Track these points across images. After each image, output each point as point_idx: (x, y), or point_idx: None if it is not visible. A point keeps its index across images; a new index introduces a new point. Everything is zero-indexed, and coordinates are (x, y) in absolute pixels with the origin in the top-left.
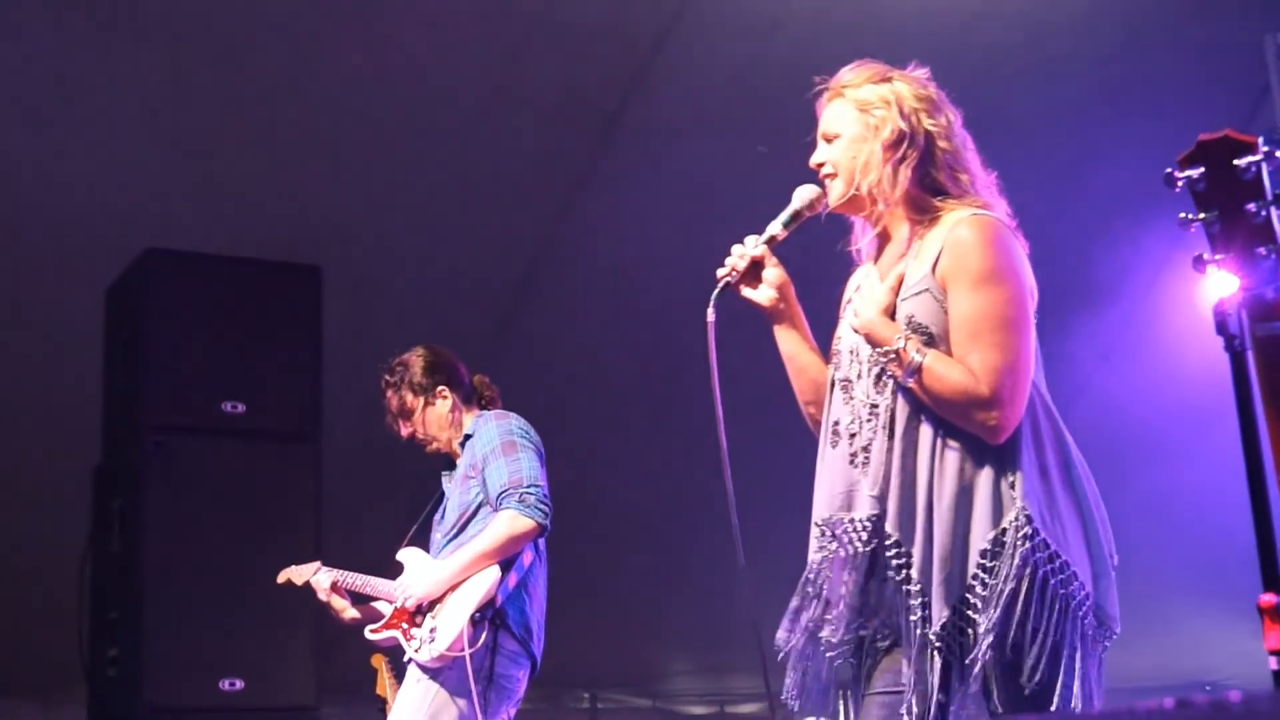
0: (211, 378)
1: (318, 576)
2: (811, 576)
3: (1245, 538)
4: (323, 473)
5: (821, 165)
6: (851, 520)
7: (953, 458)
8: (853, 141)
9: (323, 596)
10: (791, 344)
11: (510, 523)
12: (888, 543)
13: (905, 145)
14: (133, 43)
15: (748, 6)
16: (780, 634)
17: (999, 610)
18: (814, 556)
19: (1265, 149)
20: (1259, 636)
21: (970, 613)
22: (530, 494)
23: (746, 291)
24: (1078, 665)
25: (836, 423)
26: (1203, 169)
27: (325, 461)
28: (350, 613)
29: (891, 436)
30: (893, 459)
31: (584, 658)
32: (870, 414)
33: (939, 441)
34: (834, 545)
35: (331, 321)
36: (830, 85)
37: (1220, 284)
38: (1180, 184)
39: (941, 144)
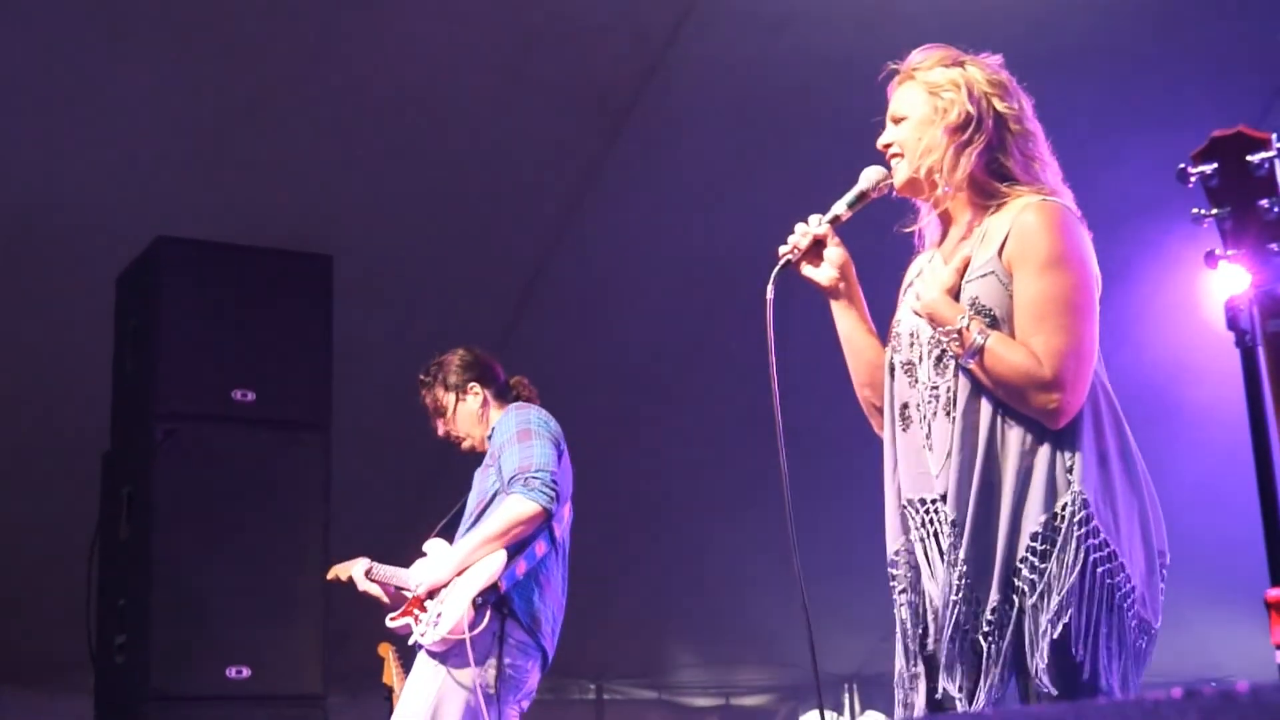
0: (221, 365)
1: (355, 569)
2: (898, 560)
3: (1252, 535)
4: (332, 461)
5: (889, 146)
6: (923, 501)
7: (1013, 439)
8: (919, 123)
9: (362, 586)
10: (849, 324)
11: (515, 507)
12: (947, 524)
13: (972, 129)
14: (144, 31)
15: (758, 2)
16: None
17: (1061, 597)
18: (897, 540)
19: (1279, 146)
20: (1265, 633)
21: (1016, 596)
22: (536, 478)
23: (807, 270)
24: (1115, 658)
25: (905, 405)
26: (1216, 165)
27: (334, 450)
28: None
29: (958, 417)
30: (953, 440)
31: (590, 648)
32: (932, 396)
33: (999, 422)
34: (918, 528)
35: (342, 311)
36: (902, 68)
37: (1232, 280)
38: (1193, 179)
39: (1013, 127)
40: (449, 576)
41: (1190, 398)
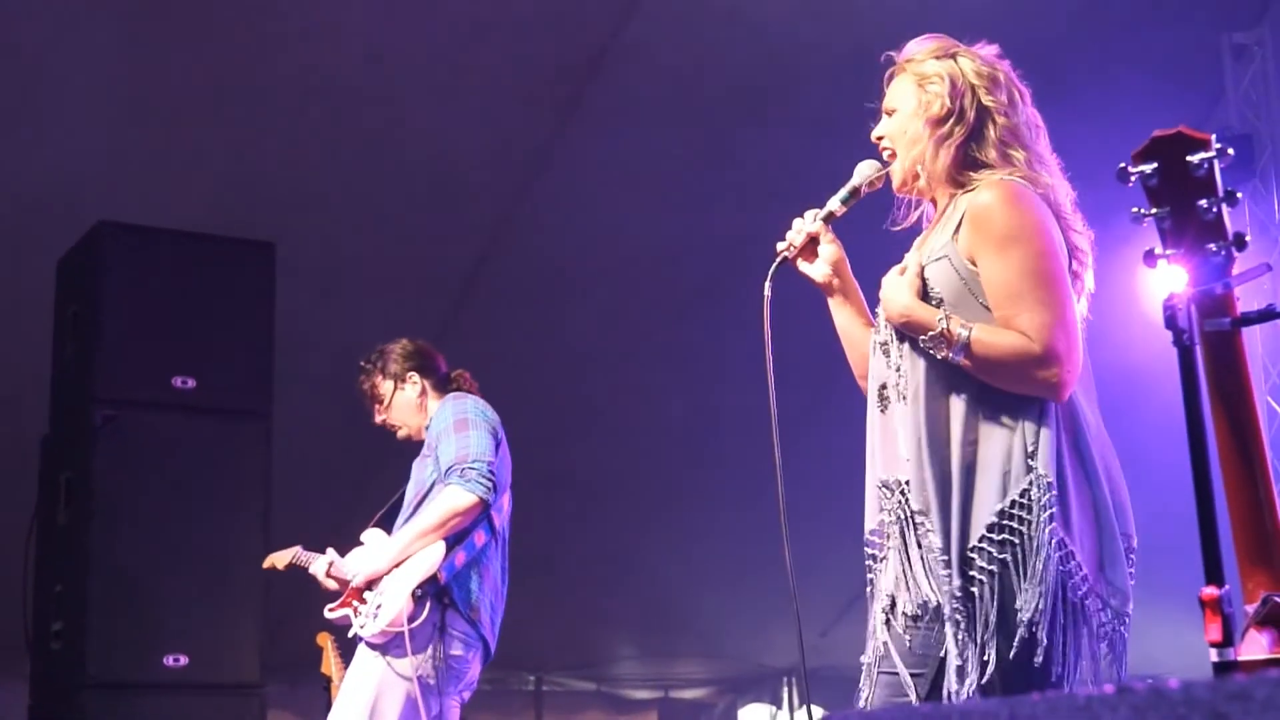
0: (162, 352)
1: (316, 565)
2: (875, 540)
3: (1187, 533)
4: (272, 449)
5: (881, 138)
6: (898, 483)
7: (972, 425)
8: (906, 116)
9: (327, 585)
10: (845, 318)
11: (452, 498)
12: (913, 509)
13: (952, 122)
14: (90, 15)
15: None
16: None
17: (1026, 585)
18: (873, 520)
19: (1218, 146)
20: (1200, 630)
21: (971, 587)
22: (473, 469)
23: (803, 266)
24: (1075, 648)
25: (883, 386)
26: (1156, 165)
27: (275, 438)
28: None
29: (917, 403)
30: (919, 425)
31: (530, 641)
32: (900, 378)
33: (960, 408)
34: (890, 507)
35: (284, 298)
36: (898, 59)
37: (1171, 279)
38: (1134, 179)
39: (998, 120)
40: (387, 567)
41: (1126, 396)
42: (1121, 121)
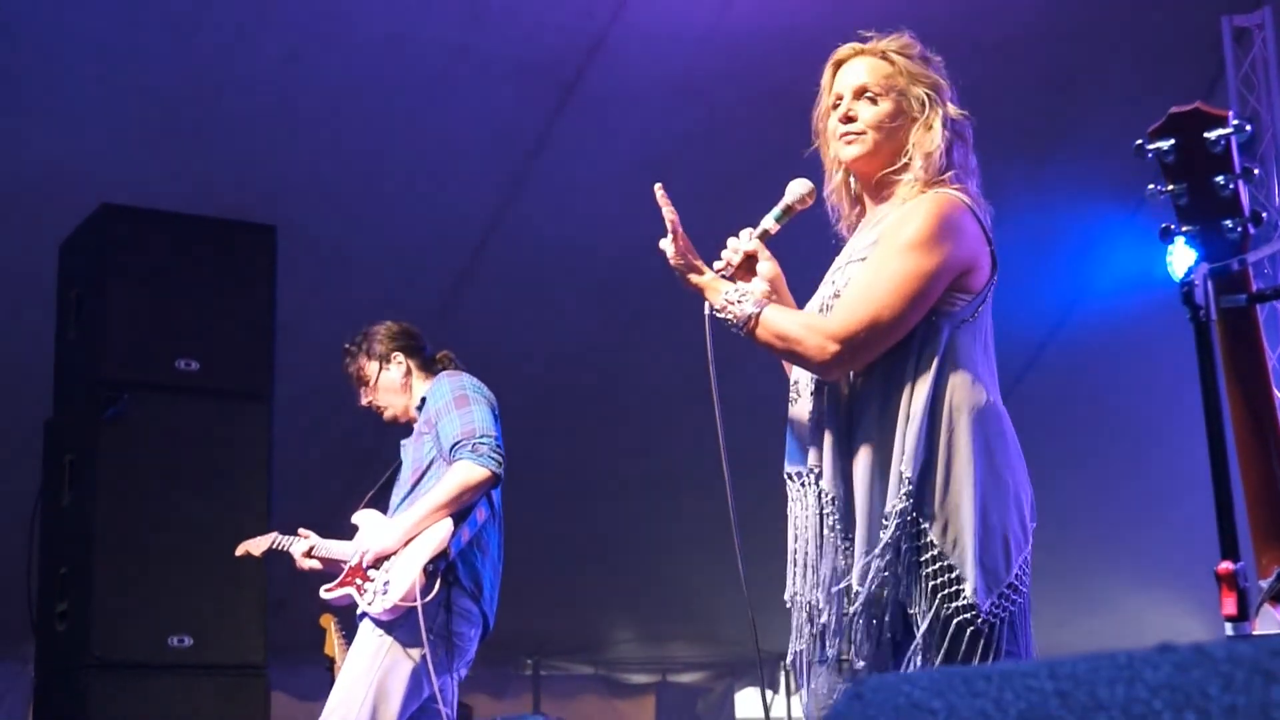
0: (165, 334)
1: (295, 547)
2: (792, 534)
3: (1184, 519)
4: (274, 432)
5: (852, 119)
6: (808, 472)
7: (861, 419)
8: (890, 112)
9: (304, 565)
10: None
11: (464, 473)
12: (824, 498)
13: (939, 127)
14: None
15: None
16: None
17: (872, 572)
18: (790, 511)
19: (1236, 123)
20: (1197, 615)
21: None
22: (483, 444)
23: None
24: (923, 627)
25: (797, 381)
26: (1173, 141)
27: (277, 420)
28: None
29: (820, 394)
30: (821, 416)
31: (528, 625)
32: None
33: (854, 401)
34: (799, 497)
35: (286, 281)
36: (872, 45)
37: (1187, 256)
38: (1150, 155)
39: (950, 129)
40: (396, 545)
41: (1139, 384)
42: (1120, 103)
